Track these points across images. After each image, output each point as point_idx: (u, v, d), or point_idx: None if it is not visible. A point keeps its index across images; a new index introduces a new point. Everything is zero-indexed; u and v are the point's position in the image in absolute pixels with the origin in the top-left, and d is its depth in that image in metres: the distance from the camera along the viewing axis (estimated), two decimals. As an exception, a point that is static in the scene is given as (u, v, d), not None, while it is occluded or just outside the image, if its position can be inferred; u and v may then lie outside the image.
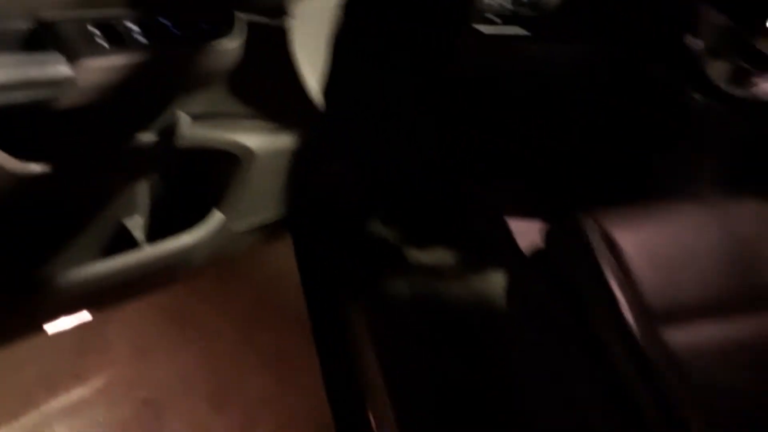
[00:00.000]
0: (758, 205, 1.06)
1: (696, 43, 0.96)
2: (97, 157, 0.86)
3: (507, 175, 1.31)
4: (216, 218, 1.06)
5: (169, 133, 0.88)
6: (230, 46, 0.82)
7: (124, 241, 1.01)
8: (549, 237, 1.05)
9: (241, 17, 0.84)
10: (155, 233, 1.03)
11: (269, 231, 1.25)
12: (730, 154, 1.20)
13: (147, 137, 0.87)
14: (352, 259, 1.45)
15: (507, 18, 1.14)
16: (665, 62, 1.04)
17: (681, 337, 0.89)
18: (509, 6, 1.12)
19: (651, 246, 0.97)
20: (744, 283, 0.95)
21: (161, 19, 0.79)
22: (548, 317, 1.01)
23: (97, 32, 0.74)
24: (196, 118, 0.92)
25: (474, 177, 1.38)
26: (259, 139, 1.03)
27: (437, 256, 1.42)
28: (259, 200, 1.12)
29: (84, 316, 1.35)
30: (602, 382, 0.86)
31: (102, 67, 0.73)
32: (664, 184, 1.21)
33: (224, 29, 0.83)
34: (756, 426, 0.67)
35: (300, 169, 1.16)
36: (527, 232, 1.18)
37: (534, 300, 1.06)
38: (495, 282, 1.28)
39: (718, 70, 1.00)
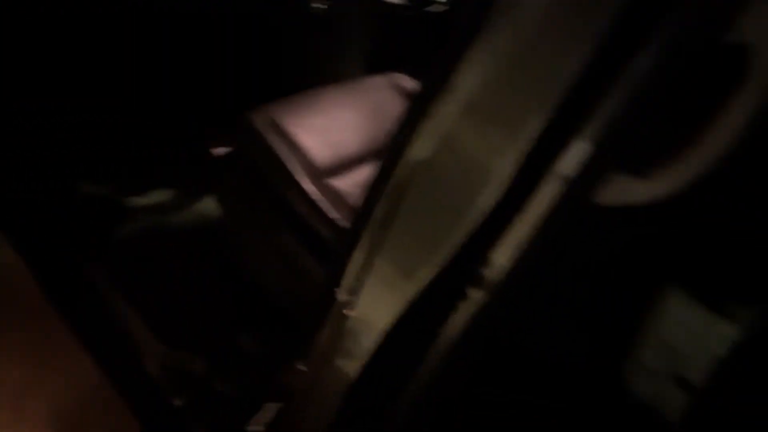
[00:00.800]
0: (383, 79, 1.38)
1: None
2: None
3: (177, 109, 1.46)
4: None
5: None
6: None
7: None
8: (233, 138, 1.24)
9: None
10: None
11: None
12: (360, 44, 1.52)
13: None
14: (75, 227, 1.48)
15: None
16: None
17: (346, 182, 1.16)
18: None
19: (309, 122, 1.22)
20: (381, 135, 1.26)
21: None
22: (252, 201, 1.21)
23: None
24: None
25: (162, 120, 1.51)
26: None
27: (155, 197, 1.52)
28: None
29: None
30: (296, 230, 1.09)
31: None
32: (317, 75, 1.48)
33: None
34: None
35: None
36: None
37: (240, 193, 1.25)
38: (210, 200, 1.44)
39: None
